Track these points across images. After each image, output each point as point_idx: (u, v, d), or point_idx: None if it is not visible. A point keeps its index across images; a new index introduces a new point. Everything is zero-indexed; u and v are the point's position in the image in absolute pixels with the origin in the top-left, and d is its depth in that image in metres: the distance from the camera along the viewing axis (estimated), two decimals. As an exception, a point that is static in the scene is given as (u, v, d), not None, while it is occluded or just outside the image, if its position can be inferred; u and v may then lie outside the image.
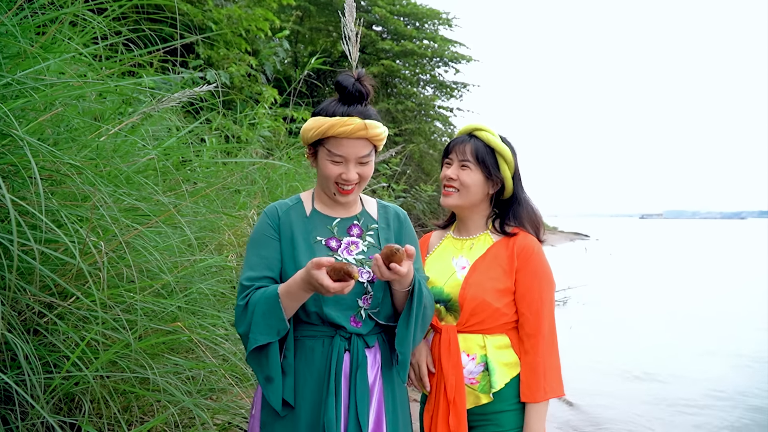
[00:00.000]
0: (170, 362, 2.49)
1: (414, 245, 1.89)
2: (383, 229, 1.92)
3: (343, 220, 1.88)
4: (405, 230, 1.95)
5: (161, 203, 2.63)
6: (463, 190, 2.02)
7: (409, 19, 15.92)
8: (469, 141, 2.03)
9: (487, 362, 1.94)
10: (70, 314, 2.17)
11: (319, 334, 1.78)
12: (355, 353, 1.76)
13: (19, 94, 2.20)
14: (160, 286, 2.47)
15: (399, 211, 1.99)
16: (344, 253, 1.83)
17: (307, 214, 1.87)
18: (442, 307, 2.00)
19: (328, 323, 1.77)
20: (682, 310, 11.74)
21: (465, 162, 2.02)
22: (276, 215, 1.85)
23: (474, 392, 1.94)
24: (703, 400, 6.13)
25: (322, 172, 1.80)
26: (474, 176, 2.01)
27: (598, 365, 7.48)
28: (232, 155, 4.96)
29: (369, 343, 1.81)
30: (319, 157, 1.80)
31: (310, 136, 1.78)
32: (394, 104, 14.75)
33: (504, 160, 2.02)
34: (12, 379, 1.85)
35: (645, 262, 24.32)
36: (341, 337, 1.77)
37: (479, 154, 2.00)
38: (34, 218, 1.98)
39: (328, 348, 1.76)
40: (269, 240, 1.82)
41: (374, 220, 1.93)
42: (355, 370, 1.75)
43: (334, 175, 1.78)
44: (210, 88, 2.67)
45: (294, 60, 12.62)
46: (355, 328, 1.78)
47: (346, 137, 1.74)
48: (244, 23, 7.09)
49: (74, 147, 2.47)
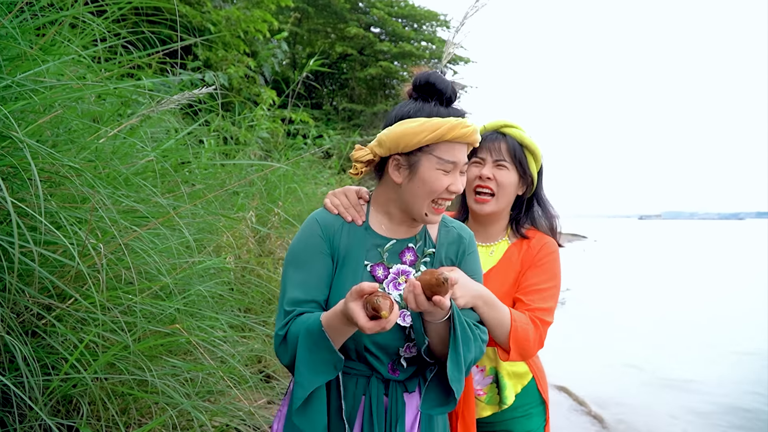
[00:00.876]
0: (168, 364, 2.49)
1: (478, 272, 1.67)
2: (446, 258, 1.63)
3: (398, 243, 1.59)
4: (468, 256, 1.66)
5: (160, 205, 2.63)
6: (500, 192, 1.86)
7: (407, 21, 15.95)
8: (503, 138, 1.87)
9: (496, 374, 1.89)
10: (69, 316, 2.17)
11: (353, 372, 1.55)
12: (394, 401, 1.53)
13: (18, 96, 2.20)
14: (159, 288, 2.47)
15: (464, 233, 1.68)
16: (390, 287, 1.56)
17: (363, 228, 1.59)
18: None
19: (365, 362, 1.55)
20: (680, 312, 11.75)
21: (500, 161, 1.86)
22: (331, 226, 1.57)
23: (480, 403, 1.90)
24: (704, 407, 6.14)
25: (428, 186, 1.51)
26: (511, 176, 1.86)
27: (598, 364, 7.49)
28: (230, 157, 4.96)
29: (409, 389, 1.58)
30: (422, 168, 1.51)
31: (419, 140, 1.49)
32: (393, 105, 14.77)
33: (534, 158, 1.90)
34: (10, 381, 1.85)
35: (644, 262, 24.34)
36: (378, 379, 1.55)
37: (516, 152, 1.86)
38: (33, 220, 1.98)
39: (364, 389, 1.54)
40: (320, 256, 1.54)
41: (433, 244, 1.63)
42: (395, 421, 1.52)
43: (443, 186, 1.51)
44: (209, 90, 2.66)
45: (292, 61, 12.63)
46: (393, 376, 1.56)
47: (460, 141, 1.51)
48: (243, 25, 7.10)
49: (73, 149, 2.47)
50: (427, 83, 1.54)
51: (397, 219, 1.59)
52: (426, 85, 1.54)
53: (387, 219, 1.60)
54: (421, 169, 1.51)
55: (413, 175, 1.52)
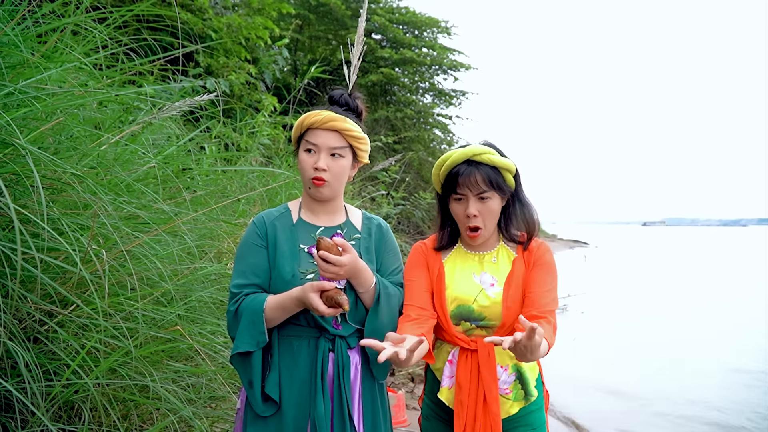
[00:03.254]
0: (170, 370, 2.50)
1: (394, 256, 2.05)
2: (365, 239, 2.01)
3: (327, 229, 1.98)
4: (386, 241, 2.06)
5: (162, 211, 2.64)
6: (487, 221, 1.96)
7: (408, 28, 15.96)
8: (476, 170, 1.93)
9: (519, 371, 1.97)
10: (71, 322, 2.17)
11: (305, 335, 1.89)
12: (340, 354, 1.88)
13: (21, 103, 2.22)
14: (160, 294, 2.48)
15: (382, 223, 2.09)
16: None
17: (293, 222, 1.98)
18: (473, 325, 1.96)
19: (314, 325, 1.88)
20: (681, 320, 11.74)
21: (482, 194, 1.93)
22: (263, 224, 1.95)
23: (508, 401, 1.96)
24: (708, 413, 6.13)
25: (300, 166, 1.94)
26: (494, 203, 1.96)
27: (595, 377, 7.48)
28: (232, 163, 4.98)
29: (351, 345, 1.93)
30: (299, 154, 1.94)
31: (294, 135, 1.96)
32: (393, 112, 14.77)
33: (509, 172, 1.97)
34: (13, 386, 1.86)
35: (645, 269, 24.30)
36: (326, 338, 1.88)
37: (492, 180, 1.93)
38: (36, 226, 1.99)
39: (314, 348, 1.88)
40: (257, 248, 1.92)
41: (357, 230, 2.02)
42: (341, 370, 1.87)
43: (309, 165, 1.90)
44: (210, 97, 2.68)
45: (293, 68, 12.66)
46: (336, 330, 1.90)
47: (318, 127, 1.90)
48: (244, 32, 7.12)
49: (75, 156, 2.48)
50: (328, 96, 2.01)
51: (314, 208, 1.99)
52: (328, 97, 2.01)
53: (312, 212, 1.99)
54: (299, 155, 1.94)
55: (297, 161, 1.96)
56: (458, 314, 1.96)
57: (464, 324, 1.96)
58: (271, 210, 2.01)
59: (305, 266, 1.90)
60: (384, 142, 9.85)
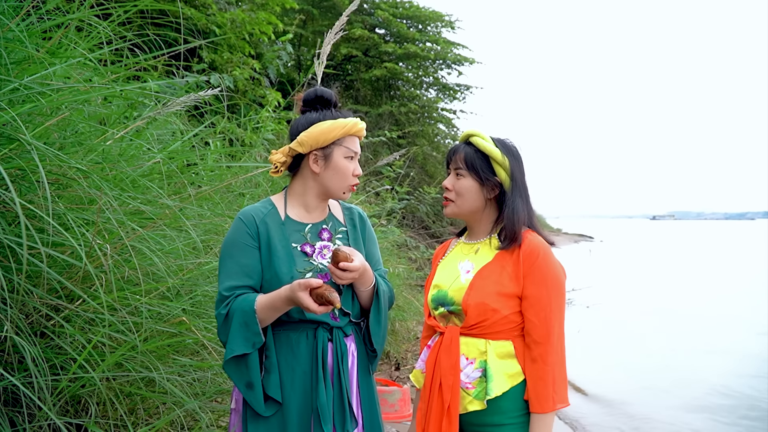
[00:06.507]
0: (176, 364, 2.51)
1: (372, 242, 2.11)
2: (351, 231, 2.05)
3: (314, 226, 1.99)
4: (367, 230, 2.11)
5: (166, 206, 2.65)
6: (458, 198, 2.01)
7: (411, 22, 15.91)
8: (464, 148, 2.02)
9: (485, 368, 1.89)
10: (77, 317, 2.19)
11: (302, 328, 1.89)
12: (338, 343, 1.90)
13: (26, 99, 2.22)
14: (166, 288, 2.49)
15: (360, 211, 2.13)
16: (318, 258, 1.94)
17: (282, 220, 1.95)
18: (446, 310, 1.98)
19: (310, 321, 1.89)
20: (687, 312, 11.72)
21: (458, 170, 2.01)
22: (254, 222, 1.91)
23: (468, 397, 1.89)
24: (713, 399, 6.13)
25: (341, 172, 1.94)
26: (467, 183, 1.99)
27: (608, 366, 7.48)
28: (236, 159, 4.98)
29: (347, 333, 1.96)
30: (335, 157, 1.93)
31: (334, 135, 1.91)
32: (398, 107, 14.75)
33: (498, 164, 1.97)
34: (20, 381, 1.87)
35: (652, 263, 24.24)
36: (323, 328, 1.89)
37: (468, 160, 1.99)
38: (42, 221, 2.00)
39: (313, 340, 1.88)
40: (248, 248, 1.88)
41: (341, 223, 2.05)
42: (341, 358, 1.89)
43: (350, 172, 1.94)
44: (214, 92, 2.68)
45: (297, 63, 12.66)
46: (335, 322, 1.91)
47: (357, 135, 1.97)
48: (248, 27, 7.10)
49: (80, 151, 2.49)
50: (318, 96, 1.98)
51: (312, 206, 1.98)
52: (317, 98, 1.98)
53: (303, 209, 1.98)
54: (334, 158, 1.93)
55: (328, 164, 1.93)
56: (436, 299, 2.02)
57: (441, 309, 2.00)
58: (255, 206, 1.96)
59: (302, 265, 1.90)
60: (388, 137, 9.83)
